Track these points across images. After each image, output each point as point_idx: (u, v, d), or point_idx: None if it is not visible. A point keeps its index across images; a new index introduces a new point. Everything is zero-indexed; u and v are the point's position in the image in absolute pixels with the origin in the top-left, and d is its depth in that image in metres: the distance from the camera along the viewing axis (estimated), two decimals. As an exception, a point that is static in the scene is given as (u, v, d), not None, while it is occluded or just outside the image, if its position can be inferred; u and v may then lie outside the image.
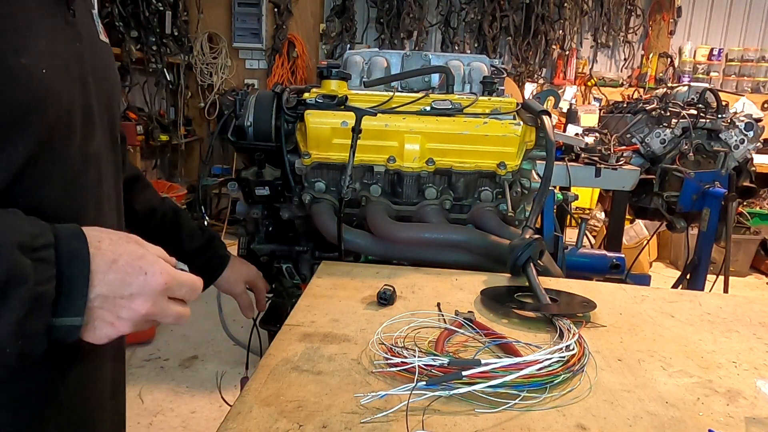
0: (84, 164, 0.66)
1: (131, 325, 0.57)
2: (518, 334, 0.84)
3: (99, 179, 0.70)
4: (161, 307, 0.59)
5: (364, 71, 1.51)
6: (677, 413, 0.65)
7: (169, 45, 5.01)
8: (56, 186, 0.62)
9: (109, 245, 0.57)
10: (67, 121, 0.62)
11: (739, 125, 2.47)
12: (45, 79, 0.58)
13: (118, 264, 0.56)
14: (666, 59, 5.56)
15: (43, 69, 0.58)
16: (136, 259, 0.57)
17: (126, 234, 0.61)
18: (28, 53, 0.56)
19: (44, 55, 0.58)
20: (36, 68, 0.57)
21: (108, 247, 0.56)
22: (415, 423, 0.60)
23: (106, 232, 0.59)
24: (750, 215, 4.52)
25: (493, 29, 5.46)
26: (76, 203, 0.65)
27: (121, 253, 0.57)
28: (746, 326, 0.93)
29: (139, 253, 0.58)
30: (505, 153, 1.26)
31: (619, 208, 2.65)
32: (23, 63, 0.55)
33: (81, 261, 0.54)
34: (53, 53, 0.60)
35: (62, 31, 0.63)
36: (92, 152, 0.68)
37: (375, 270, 1.11)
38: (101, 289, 0.55)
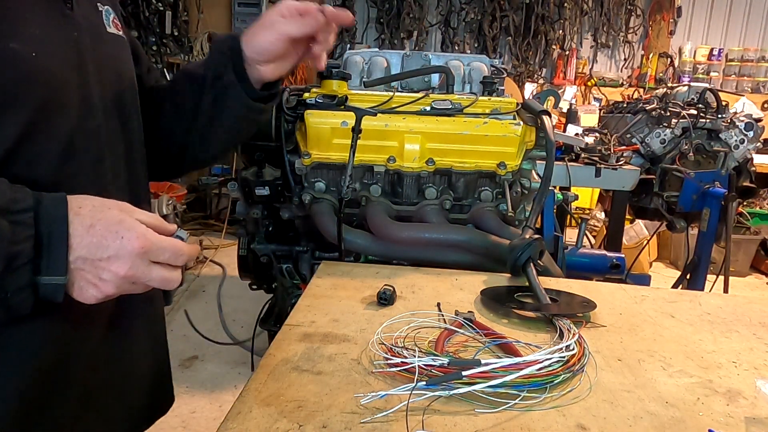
0: (83, 141, 0.69)
1: (114, 287, 0.61)
2: (518, 334, 0.83)
3: (100, 157, 0.72)
4: (141, 270, 0.61)
5: (364, 71, 1.52)
6: (677, 413, 0.65)
7: (169, 45, 5.01)
8: (50, 162, 0.65)
9: (90, 211, 0.60)
10: (59, 99, 0.65)
11: (739, 125, 2.47)
12: (34, 61, 0.62)
13: (95, 228, 0.59)
14: (666, 59, 5.56)
15: (33, 53, 0.62)
16: (114, 224, 0.60)
17: (114, 201, 0.63)
18: (19, 39, 0.60)
19: (35, 40, 0.63)
20: (25, 52, 0.61)
21: (88, 213, 0.60)
22: (415, 423, 0.60)
23: (90, 199, 0.62)
24: (750, 215, 4.52)
25: (493, 29, 5.47)
26: (74, 179, 0.67)
27: (99, 218, 0.60)
28: (746, 326, 0.93)
29: (117, 218, 0.61)
30: (505, 153, 1.26)
31: (619, 208, 2.65)
32: (12, 47, 0.59)
33: (59, 224, 0.58)
34: (45, 40, 0.64)
35: (58, 22, 0.67)
36: (92, 129, 0.71)
37: (375, 270, 1.11)
38: (80, 252, 0.58)
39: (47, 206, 0.58)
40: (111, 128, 0.75)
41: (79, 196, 0.61)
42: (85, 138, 0.70)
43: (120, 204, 0.64)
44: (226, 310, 3.29)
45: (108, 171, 0.74)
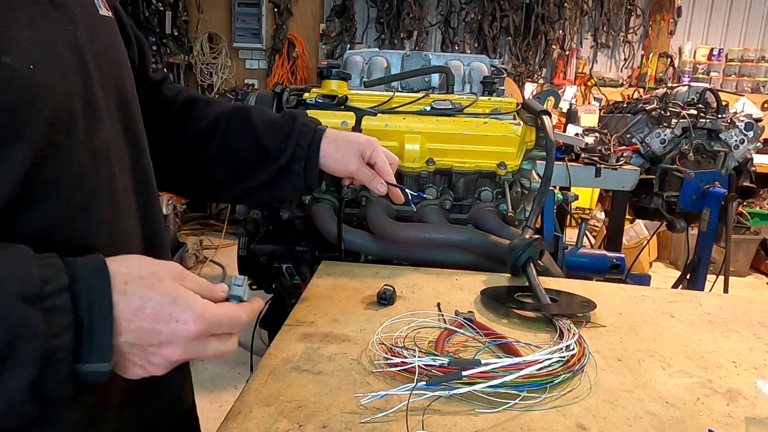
0: (92, 161, 0.59)
1: (164, 369, 0.53)
2: (518, 334, 0.84)
3: (111, 174, 0.62)
4: (196, 351, 0.54)
5: (364, 71, 1.52)
6: (677, 413, 0.65)
7: (169, 45, 5.01)
8: (64, 190, 0.55)
9: (137, 288, 0.51)
10: (67, 116, 0.55)
11: (739, 125, 2.47)
12: (33, 75, 0.51)
13: (145, 311, 0.50)
14: (666, 59, 5.56)
15: (30, 65, 0.51)
16: (167, 304, 0.51)
17: (163, 267, 0.54)
18: (10, 50, 0.49)
19: (29, 48, 0.52)
20: (21, 65, 0.50)
21: (135, 291, 0.51)
22: (415, 423, 0.60)
23: (136, 266, 0.52)
24: (750, 215, 4.52)
25: (493, 29, 5.47)
26: (89, 205, 0.59)
27: (149, 297, 0.51)
28: (746, 326, 0.93)
29: (170, 296, 0.52)
30: (505, 153, 1.26)
31: (619, 208, 2.65)
32: (5, 62, 0.49)
33: (103, 306, 0.48)
34: (40, 43, 0.53)
35: (48, 17, 0.55)
36: (99, 145, 0.60)
37: (375, 270, 1.11)
38: (127, 337, 0.50)
39: (86, 282, 0.48)
40: (118, 135, 0.65)
41: (121, 263, 0.52)
42: (95, 154, 0.59)
43: (170, 270, 0.54)
44: (226, 310, 3.29)
45: (120, 190, 0.64)
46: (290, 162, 0.89)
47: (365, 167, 0.92)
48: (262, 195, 0.96)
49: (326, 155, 0.91)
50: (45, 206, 0.54)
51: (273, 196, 0.97)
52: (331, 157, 0.91)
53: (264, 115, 0.93)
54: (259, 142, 0.89)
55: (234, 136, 0.90)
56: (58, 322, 0.46)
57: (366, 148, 0.92)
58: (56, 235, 0.55)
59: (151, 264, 0.54)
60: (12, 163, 0.50)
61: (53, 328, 0.45)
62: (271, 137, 0.90)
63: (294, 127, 0.91)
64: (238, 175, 0.91)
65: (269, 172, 0.90)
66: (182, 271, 0.55)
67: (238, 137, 0.90)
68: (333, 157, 0.91)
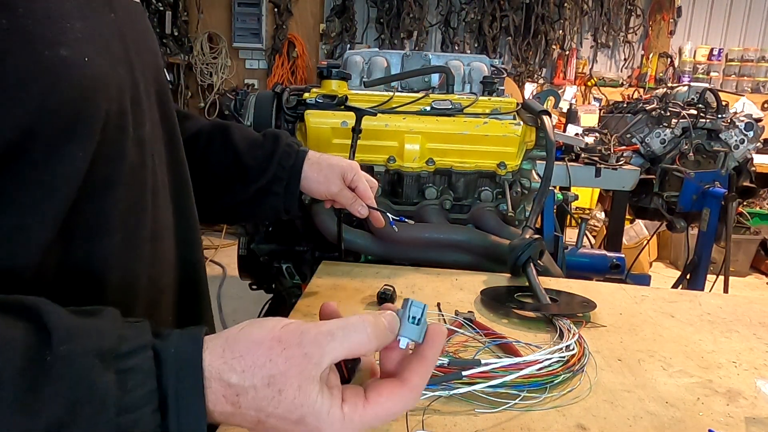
0: (139, 155, 0.56)
1: None
2: (518, 334, 0.84)
3: (153, 168, 0.59)
4: None
5: (364, 71, 1.51)
6: (677, 413, 0.65)
7: (169, 45, 5.01)
8: (117, 186, 0.52)
9: (253, 400, 0.38)
10: (118, 109, 0.52)
11: (739, 125, 2.47)
12: (89, 68, 0.48)
13: (265, 426, 0.39)
14: (666, 59, 5.56)
15: (85, 57, 0.47)
16: (295, 422, 0.38)
17: (291, 347, 0.39)
18: (67, 42, 0.46)
19: (82, 39, 0.48)
20: (78, 58, 0.47)
21: (251, 404, 0.38)
22: (415, 423, 0.60)
23: (249, 352, 0.39)
24: (750, 215, 4.52)
25: (493, 29, 5.46)
26: (138, 201, 0.56)
27: (269, 412, 0.38)
28: (746, 326, 0.93)
29: (299, 413, 0.38)
30: (505, 153, 1.26)
31: (619, 208, 2.65)
32: (63, 55, 0.45)
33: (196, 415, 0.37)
34: (91, 34, 0.50)
35: (92, 3, 0.52)
36: (145, 138, 0.57)
37: (375, 270, 1.11)
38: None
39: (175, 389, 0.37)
40: (156, 127, 0.62)
41: (221, 342, 0.39)
42: (140, 149, 0.56)
43: (298, 364, 0.38)
44: (226, 310, 3.29)
45: (160, 185, 0.60)
46: (271, 183, 0.89)
47: (347, 190, 0.92)
48: (239, 215, 0.96)
49: (308, 177, 0.91)
50: (102, 203, 0.51)
51: (250, 216, 0.97)
52: (313, 179, 0.91)
53: (245, 134, 0.92)
54: (239, 160, 0.88)
55: (214, 154, 0.88)
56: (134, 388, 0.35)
57: (348, 171, 0.92)
58: (110, 234, 0.52)
59: (268, 358, 0.38)
60: (73, 160, 0.47)
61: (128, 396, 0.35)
62: (252, 156, 0.89)
63: (277, 147, 0.90)
64: (216, 194, 0.89)
65: (248, 191, 0.89)
66: (319, 357, 0.39)
67: (219, 155, 0.88)
68: (315, 179, 0.91)
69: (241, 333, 0.40)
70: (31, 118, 0.43)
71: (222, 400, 0.38)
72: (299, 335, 0.40)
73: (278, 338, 0.39)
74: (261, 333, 0.40)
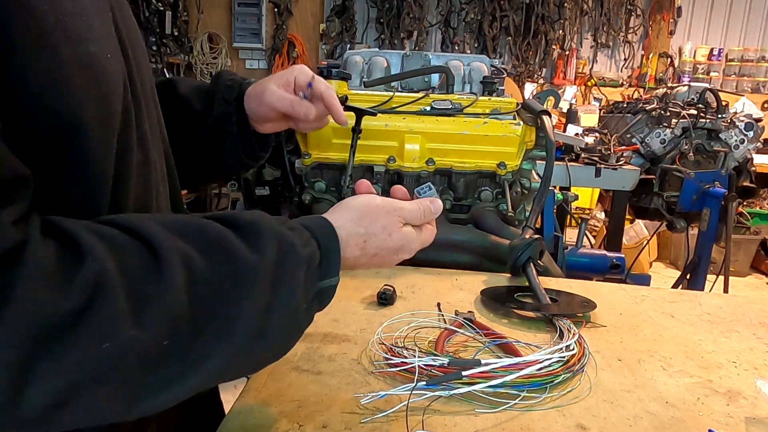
0: (142, 150, 0.57)
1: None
2: (518, 334, 0.84)
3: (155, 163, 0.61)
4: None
5: (364, 71, 1.51)
6: (677, 413, 0.65)
7: (169, 45, 5.01)
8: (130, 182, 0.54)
9: (374, 242, 0.62)
10: (126, 104, 0.54)
11: (739, 125, 2.47)
12: (111, 64, 0.50)
13: (379, 257, 0.63)
14: (666, 59, 5.56)
15: (108, 53, 0.49)
16: (397, 250, 0.64)
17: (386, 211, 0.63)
18: (93, 39, 0.47)
19: (102, 37, 0.50)
20: (103, 55, 0.48)
21: (372, 244, 0.62)
22: (415, 423, 0.60)
23: (366, 216, 0.62)
24: (750, 215, 4.52)
25: (493, 29, 5.47)
26: (146, 197, 0.58)
27: (384, 247, 0.63)
28: (746, 326, 0.93)
29: (400, 244, 0.64)
30: (505, 153, 1.26)
31: (619, 208, 2.65)
32: (92, 51, 0.47)
33: (333, 237, 0.58)
34: (107, 32, 0.51)
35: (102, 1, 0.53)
36: (145, 133, 0.59)
37: (375, 270, 1.11)
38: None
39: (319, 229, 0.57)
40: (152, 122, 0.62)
41: (350, 216, 0.61)
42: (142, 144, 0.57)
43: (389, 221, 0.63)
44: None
45: (159, 179, 0.62)
46: (220, 122, 0.83)
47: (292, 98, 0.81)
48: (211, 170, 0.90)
49: (249, 102, 0.83)
50: (117, 199, 0.52)
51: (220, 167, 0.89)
52: (252, 102, 0.82)
53: (191, 83, 0.87)
54: (189, 109, 0.83)
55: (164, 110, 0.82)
56: (303, 235, 0.54)
57: (287, 74, 0.83)
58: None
59: (377, 216, 0.62)
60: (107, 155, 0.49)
61: (303, 241, 0.53)
62: (199, 102, 0.84)
63: (218, 85, 0.84)
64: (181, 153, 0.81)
65: (202, 138, 0.83)
66: (402, 217, 0.64)
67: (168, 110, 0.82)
68: (253, 102, 0.82)
69: (351, 207, 0.63)
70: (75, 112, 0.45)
71: (354, 247, 0.60)
72: (388, 207, 0.64)
73: (378, 206, 0.63)
74: (365, 206, 0.63)
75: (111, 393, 0.42)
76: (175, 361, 0.44)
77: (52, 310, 0.38)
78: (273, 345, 0.52)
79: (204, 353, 0.46)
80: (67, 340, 0.39)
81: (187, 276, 0.45)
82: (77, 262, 0.40)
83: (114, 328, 0.40)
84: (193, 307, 0.44)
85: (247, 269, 0.48)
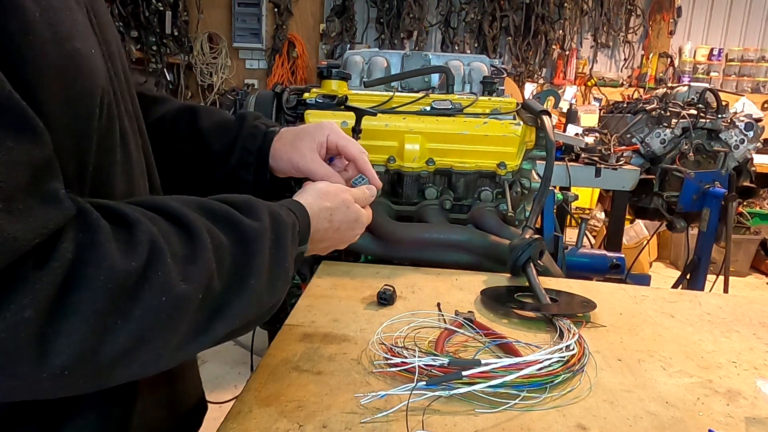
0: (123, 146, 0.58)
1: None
2: (518, 334, 0.83)
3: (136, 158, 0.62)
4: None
5: (364, 71, 1.51)
6: (677, 413, 0.65)
7: (169, 45, 5.01)
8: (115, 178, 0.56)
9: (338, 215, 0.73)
10: (108, 101, 0.54)
11: (739, 125, 2.47)
12: (94, 60, 0.50)
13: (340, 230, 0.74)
14: (666, 59, 5.56)
15: (91, 49, 0.50)
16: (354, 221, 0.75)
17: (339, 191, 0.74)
18: (77, 35, 0.48)
19: (85, 32, 0.50)
20: (87, 51, 0.49)
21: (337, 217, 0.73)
22: (415, 423, 0.60)
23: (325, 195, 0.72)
24: (750, 215, 4.52)
25: (493, 29, 5.47)
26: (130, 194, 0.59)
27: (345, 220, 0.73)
28: (746, 326, 0.93)
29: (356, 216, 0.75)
30: (505, 153, 1.26)
31: (619, 208, 2.65)
32: (77, 47, 0.48)
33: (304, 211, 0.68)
34: (87, 27, 0.52)
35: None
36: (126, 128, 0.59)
37: (375, 270, 1.11)
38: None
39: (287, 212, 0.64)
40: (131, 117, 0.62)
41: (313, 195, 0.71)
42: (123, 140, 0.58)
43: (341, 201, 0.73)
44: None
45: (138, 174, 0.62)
46: (237, 169, 0.83)
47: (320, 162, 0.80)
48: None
49: (274, 156, 0.82)
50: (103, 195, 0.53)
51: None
52: (277, 157, 0.82)
53: (214, 117, 0.85)
54: (204, 145, 0.83)
55: (180, 139, 0.83)
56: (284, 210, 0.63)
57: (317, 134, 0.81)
58: None
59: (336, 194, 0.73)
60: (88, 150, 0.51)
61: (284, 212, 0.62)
62: (217, 141, 0.83)
63: (242, 130, 0.83)
64: (185, 182, 0.84)
65: (215, 179, 0.84)
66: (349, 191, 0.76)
67: (184, 140, 0.83)
68: (279, 157, 0.82)
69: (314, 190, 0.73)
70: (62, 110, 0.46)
71: (324, 220, 0.70)
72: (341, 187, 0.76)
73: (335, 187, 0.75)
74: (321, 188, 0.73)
75: (163, 342, 0.48)
76: (206, 312, 0.51)
77: (124, 269, 0.43)
78: (275, 295, 0.60)
79: (227, 304, 0.52)
80: (135, 295, 0.44)
81: (212, 241, 0.52)
82: (129, 230, 0.46)
83: (169, 282, 0.46)
84: (219, 265, 0.51)
85: (252, 234, 0.56)
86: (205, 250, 0.50)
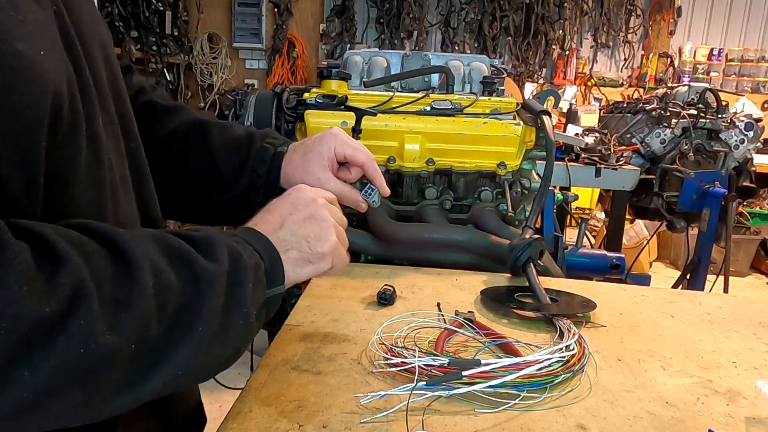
0: (94, 151, 0.55)
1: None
2: (518, 334, 0.83)
3: (110, 164, 0.58)
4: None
5: (364, 71, 1.51)
6: (677, 413, 0.65)
7: (169, 45, 5.01)
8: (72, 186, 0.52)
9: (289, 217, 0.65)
10: (70, 105, 0.51)
11: (739, 125, 2.47)
12: (45, 62, 0.46)
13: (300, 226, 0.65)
14: (666, 59, 5.56)
15: (41, 50, 0.46)
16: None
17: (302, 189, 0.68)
18: (22, 36, 0.45)
19: (35, 33, 0.46)
20: (34, 53, 0.45)
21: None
22: (415, 423, 0.60)
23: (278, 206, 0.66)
24: (750, 215, 4.52)
25: (493, 29, 5.46)
26: (95, 200, 0.55)
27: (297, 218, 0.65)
28: (746, 326, 0.93)
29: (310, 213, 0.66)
30: (505, 153, 1.26)
31: (619, 208, 2.65)
32: (20, 50, 0.44)
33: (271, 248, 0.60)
34: (42, 28, 0.48)
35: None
36: (99, 133, 0.56)
37: (375, 270, 1.11)
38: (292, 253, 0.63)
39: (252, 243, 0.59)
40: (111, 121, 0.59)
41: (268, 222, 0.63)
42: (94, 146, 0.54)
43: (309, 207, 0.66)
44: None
45: (119, 181, 0.59)
46: (247, 191, 0.81)
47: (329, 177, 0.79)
48: (220, 221, 0.88)
49: (287, 182, 0.80)
50: (59, 201, 0.51)
51: (231, 223, 0.86)
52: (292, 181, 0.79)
53: (225, 134, 0.83)
54: (213, 165, 0.81)
55: (189, 156, 0.81)
56: (246, 249, 0.56)
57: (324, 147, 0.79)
58: None
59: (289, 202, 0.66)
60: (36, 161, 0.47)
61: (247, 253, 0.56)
62: (227, 161, 0.81)
63: (250, 151, 0.81)
64: (191, 198, 0.83)
65: (223, 199, 0.82)
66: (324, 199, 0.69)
67: (194, 157, 0.81)
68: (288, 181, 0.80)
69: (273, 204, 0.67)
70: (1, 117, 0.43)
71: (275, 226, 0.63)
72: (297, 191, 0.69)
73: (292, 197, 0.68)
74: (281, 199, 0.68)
75: (82, 396, 0.43)
76: (142, 362, 0.46)
77: (36, 316, 0.38)
78: (230, 344, 0.54)
79: (168, 353, 0.47)
80: (46, 345, 0.39)
81: (155, 282, 0.46)
82: (54, 268, 0.41)
83: (91, 333, 0.41)
84: (160, 310, 0.46)
85: (206, 275, 0.51)
86: (141, 295, 0.45)
